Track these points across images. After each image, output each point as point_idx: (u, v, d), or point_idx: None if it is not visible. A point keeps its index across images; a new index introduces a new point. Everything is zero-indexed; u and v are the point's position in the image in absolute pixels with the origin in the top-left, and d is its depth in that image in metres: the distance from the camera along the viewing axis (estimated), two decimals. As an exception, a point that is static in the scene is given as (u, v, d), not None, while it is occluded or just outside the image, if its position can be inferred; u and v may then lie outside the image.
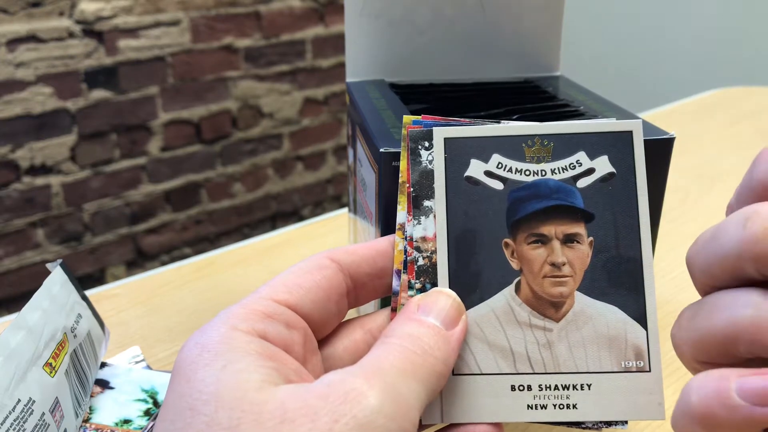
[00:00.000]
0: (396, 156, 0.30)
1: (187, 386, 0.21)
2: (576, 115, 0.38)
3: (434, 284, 0.26)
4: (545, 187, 0.26)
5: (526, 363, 0.25)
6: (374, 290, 0.27)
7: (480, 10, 0.44)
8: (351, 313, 0.28)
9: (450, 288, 0.26)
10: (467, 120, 0.27)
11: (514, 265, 0.26)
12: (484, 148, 0.26)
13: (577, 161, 0.26)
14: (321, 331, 0.26)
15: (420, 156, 0.26)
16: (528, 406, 0.25)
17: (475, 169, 0.26)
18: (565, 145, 0.26)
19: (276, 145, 1.78)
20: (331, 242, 0.60)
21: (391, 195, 0.31)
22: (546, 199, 0.26)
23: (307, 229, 0.64)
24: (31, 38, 1.36)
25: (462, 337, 0.24)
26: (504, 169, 0.26)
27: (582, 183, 0.26)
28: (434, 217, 0.26)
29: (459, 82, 0.45)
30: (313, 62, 1.78)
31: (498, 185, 0.26)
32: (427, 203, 0.26)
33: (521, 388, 0.25)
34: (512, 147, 0.26)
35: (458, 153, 0.26)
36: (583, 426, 0.26)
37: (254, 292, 0.24)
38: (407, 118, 0.27)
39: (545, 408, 0.25)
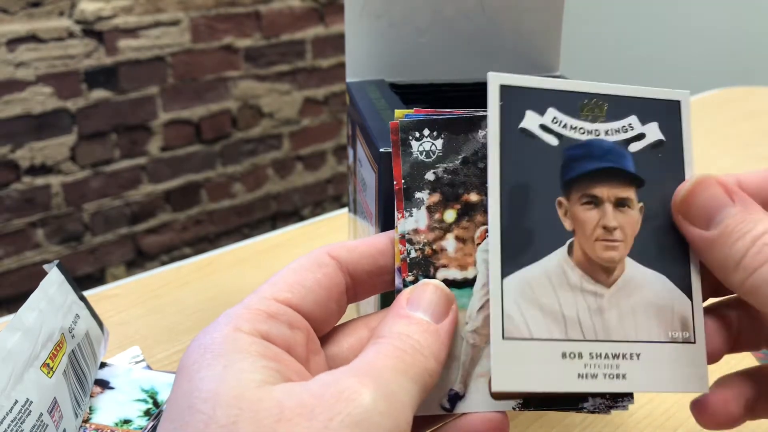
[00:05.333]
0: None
1: (187, 386, 0.21)
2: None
3: (426, 276, 0.25)
4: (599, 147, 0.26)
5: (577, 329, 0.24)
6: (373, 287, 0.27)
7: (480, 10, 0.43)
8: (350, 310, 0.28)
9: (501, 245, 0.24)
10: (459, 111, 0.26)
11: (567, 225, 0.25)
12: (540, 100, 0.25)
13: (629, 125, 0.26)
14: (322, 329, 0.26)
15: (411, 147, 0.26)
16: (579, 375, 0.24)
17: (531, 121, 0.25)
18: (618, 108, 0.26)
19: (276, 145, 1.78)
20: (331, 242, 0.60)
21: (391, 195, 0.31)
22: (600, 160, 0.25)
23: (307, 229, 0.64)
24: (31, 38, 1.35)
25: (452, 329, 0.24)
26: (559, 125, 0.25)
27: (633, 147, 0.26)
28: (426, 209, 0.26)
29: (459, 82, 0.45)
30: (313, 62, 1.78)
31: (553, 141, 0.25)
32: (418, 195, 0.26)
33: (572, 355, 0.24)
34: (568, 103, 0.26)
35: (514, 103, 0.25)
36: (583, 409, 0.25)
37: (255, 291, 0.24)
38: (399, 113, 0.26)
39: (596, 377, 0.24)
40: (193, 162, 1.64)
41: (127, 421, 0.37)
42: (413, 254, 0.26)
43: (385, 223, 0.32)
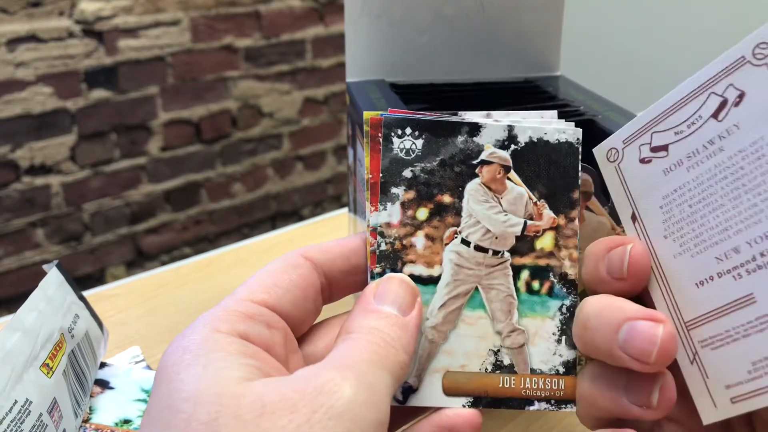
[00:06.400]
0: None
1: (167, 388, 0.21)
2: (576, 115, 0.38)
3: (394, 270, 0.26)
4: None
5: None
6: (348, 287, 0.27)
7: (480, 10, 0.43)
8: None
9: None
10: (434, 114, 0.27)
11: None
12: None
13: None
14: (299, 329, 0.26)
15: (392, 143, 0.27)
16: None
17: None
18: None
19: (276, 145, 1.78)
20: (330, 242, 0.60)
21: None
22: None
23: (307, 229, 0.64)
24: (31, 38, 1.35)
25: (419, 322, 0.25)
26: None
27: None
28: (401, 205, 0.26)
29: (459, 82, 0.45)
30: (313, 62, 1.78)
31: None
32: (394, 190, 0.27)
33: None
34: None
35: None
36: (533, 408, 0.26)
37: (231, 294, 0.25)
38: (368, 114, 0.27)
39: None
40: (193, 162, 1.64)
41: (127, 421, 0.37)
42: (383, 247, 0.26)
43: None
